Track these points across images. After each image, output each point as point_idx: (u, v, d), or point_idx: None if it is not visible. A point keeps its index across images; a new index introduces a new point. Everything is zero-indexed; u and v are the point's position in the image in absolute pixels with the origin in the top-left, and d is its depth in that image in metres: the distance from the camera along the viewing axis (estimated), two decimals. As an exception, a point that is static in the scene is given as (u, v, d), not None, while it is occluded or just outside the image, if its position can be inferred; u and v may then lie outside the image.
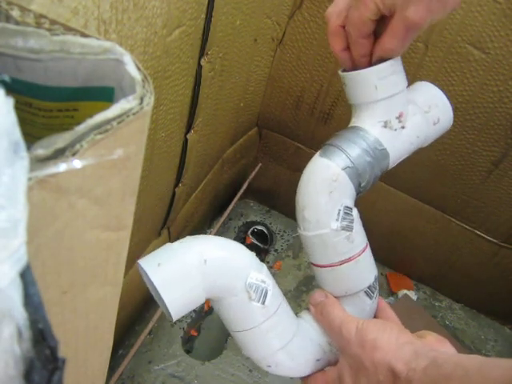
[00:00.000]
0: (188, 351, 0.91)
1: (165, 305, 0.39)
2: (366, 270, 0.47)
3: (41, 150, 0.17)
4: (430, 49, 0.71)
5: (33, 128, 0.23)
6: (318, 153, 0.47)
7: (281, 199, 1.12)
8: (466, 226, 0.92)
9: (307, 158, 0.49)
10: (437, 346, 0.40)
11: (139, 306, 0.90)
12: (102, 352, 0.32)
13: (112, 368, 0.82)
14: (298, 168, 1.01)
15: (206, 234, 1.09)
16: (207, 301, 0.43)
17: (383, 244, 1.01)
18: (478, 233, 0.91)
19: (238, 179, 1.09)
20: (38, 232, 0.18)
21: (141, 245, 0.74)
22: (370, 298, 0.48)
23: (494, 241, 0.91)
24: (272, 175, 1.08)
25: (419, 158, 0.83)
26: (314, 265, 0.48)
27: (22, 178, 0.15)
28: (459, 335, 1.01)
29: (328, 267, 0.46)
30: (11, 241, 0.15)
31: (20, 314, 0.16)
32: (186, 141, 0.69)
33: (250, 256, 0.44)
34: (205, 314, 0.97)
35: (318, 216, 0.44)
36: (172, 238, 0.88)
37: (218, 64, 0.66)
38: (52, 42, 0.20)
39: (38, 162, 0.17)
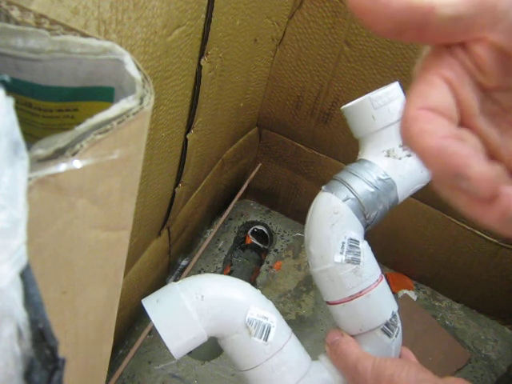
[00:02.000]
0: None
1: (161, 336, 0.39)
2: (380, 304, 0.45)
3: (41, 150, 0.17)
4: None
5: (33, 128, 0.23)
6: (322, 187, 0.46)
7: (281, 199, 1.12)
8: (466, 226, 0.92)
9: (307, 158, 0.49)
10: None
11: (139, 306, 0.90)
12: (102, 352, 0.32)
13: (112, 368, 0.82)
14: (297, 168, 1.01)
15: (205, 234, 1.09)
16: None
17: (383, 244, 1.01)
18: (478, 233, 0.91)
19: (238, 179, 1.09)
20: (38, 232, 0.18)
21: (141, 245, 0.74)
22: (389, 336, 0.45)
23: (494, 241, 0.91)
24: (272, 175, 1.08)
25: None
26: (328, 303, 0.46)
27: (21, 178, 0.15)
28: (459, 335, 1.01)
29: (339, 303, 0.45)
30: (11, 241, 0.15)
31: (20, 313, 0.16)
32: (185, 141, 0.69)
33: (251, 292, 0.44)
34: (205, 314, 0.97)
35: (322, 250, 0.44)
36: (172, 238, 0.88)
37: (218, 64, 0.66)
38: (52, 42, 0.20)
39: (38, 162, 0.17)
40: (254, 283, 1.04)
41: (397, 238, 1.01)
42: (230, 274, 1.07)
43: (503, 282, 0.96)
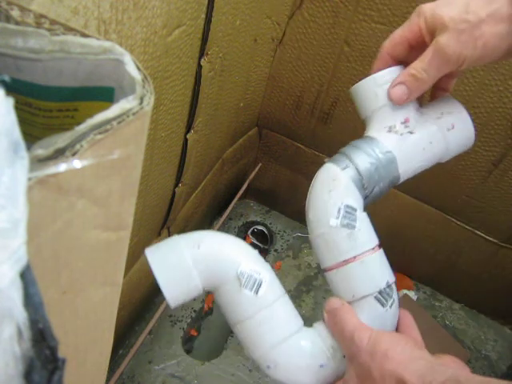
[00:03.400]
0: (188, 351, 0.91)
1: (158, 281, 0.41)
2: (374, 272, 0.45)
3: (41, 150, 0.17)
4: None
5: (33, 128, 0.23)
6: (325, 160, 0.48)
7: (281, 199, 1.12)
8: (466, 226, 0.92)
9: (307, 158, 0.49)
10: (454, 367, 0.38)
11: (139, 306, 0.90)
12: (102, 352, 0.32)
13: (112, 368, 0.82)
14: (297, 168, 1.01)
15: (205, 234, 1.09)
16: (207, 301, 0.44)
17: (383, 244, 1.00)
18: (478, 233, 0.91)
19: (238, 179, 1.09)
20: (38, 232, 0.18)
21: (141, 245, 0.74)
22: (383, 305, 0.45)
23: (494, 241, 0.91)
24: (272, 175, 1.08)
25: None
26: (325, 270, 0.47)
27: (22, 178, 0.15)
28: (459, 335, 1.01)
29: (334, 269, 0.46)
30: (11, 241, 0.15)
31: (20, 313, 0.16)
32: (185, 141, 0.69)
33: (248, 249, 0.45)
34: (205, 314, 0.97)
35: (319, 214, 0.45)
36: (172, 238, 0.88)
37: (218, 64, 0.66)
38: (52, 42, 0.20)
39: (38, 162, 0.17)
40: (253, 283, 1.04)
41: (397, 238, 1.01)
42: (229, 274, 1.07)
43: (503, 281, 0.96)
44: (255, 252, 0.46)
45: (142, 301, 0.89)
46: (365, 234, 0.45)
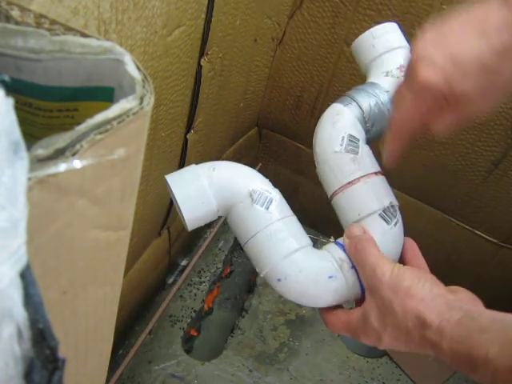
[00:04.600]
0: (188, 351, 0.91)
1: (176, 202, 0.44)
2: (378, 192, 0.48)
3: (41, 150, 0.17)
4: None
5: (33, 128, 0.23)
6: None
7: (281, 199, 1.12)
8: (466, 226, 0.92)
9: (307, 158, 0.50)
10: (468, 303, 0.40)
11: (139, 306, 0.90)
12: (102, 352, 0.32)
13: (112, 368, 0.82)
14: (297, 168, 1.01)
15: (205, 234, 1.09)
16: (207, 301, 0.44)
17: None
18: (478, 233, 0.91)
19: (238, 179, 1.09)
20: (38, 232, 0.18)
21: (141, 245, 0.74)
22: (387, 222, 0.48)
23: (494, 241, 0.91)
24: (272, 175, 1.07)
25: (419, 157, 0.83)
26: (331, 198, 0.50)
27: (21, 178, 0.15)
28: (459, 335, 1.01)
29: (339, 192, 0.48)
30: (11, 241, 0.15)
31: (20, 313, 0.16)
32: (186, 141, 0.69)
33: (259, 175, 0.48)
34: (205, 314, 0.97)
35: (325, 144, 0.49)
36: (172, 238, 0.88)
37: (218, 64, 0.66)
38: (52, 42, 0.20)
39: (38, 162, 0.17)
40: (253, 283, 1.04)
41: (397, 237, 1.00)
42: (229, 274, 1.07)
43: (503, 282, 0.96)
44: (266, 180, 0.49)
45: (141, 301, 0.89)
46: (367, 159, 0.48)
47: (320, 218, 0.93)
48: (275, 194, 0.47)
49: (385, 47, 0.51)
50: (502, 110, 0.72)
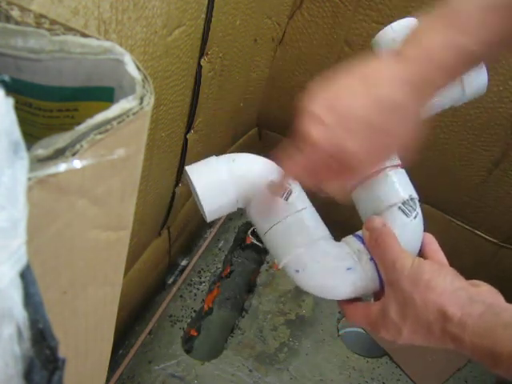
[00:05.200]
0: (188, 351, 0.91)
1: (196, 193, 0.44)
2: (398, 185, 0.48)
3: (41, 150, 0.17)
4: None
5: (33, 128, 0.23)
6: None
7: (281, 199, 1.12)
8: (466, 226, 0.92)
9: (307, 158, 0.50)
10: (490, 297, 0.40)
11: (139, 306, 0.90)
12: (102, 352, 0.32)
13: (112, 368, 0.82)
14: (297, 168, 1.01)
15: (205, 234, 1.09)
16: (207, 301, 0.44)
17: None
18: (478, 233, 0.91)
19: (238, 179, 1.09)
20: (38, 232, 0.18)
21: (141, 245, 0.74)
22: (407, 215, 0.48)
23: (494, 241, 0.91)
24: (272, 175, 1.08)
25: (419, 157, 0.83)
26: (350, 190, 0.50)
27: (21, 178, 0.15)
28: (459, 335, 1.01)
29: (359, 185, 0.48)
30: (11, 241, 0.15)
31: (20, 313, 0.16)
32: (186, 141, 0.69)
33: (278, 167, 0.48)
34: (205, 314, 0.97)
35: None
36: (172, 238, 0.88)
37: (218, 64, 0.66)
38: (52, 42, 0.20)
39: (38, 162, 0.17)
40: (253, 283, 1.04)
41: (397, 238, 1.00)
42: (229, 274, 1.07)
43: (503, 282, 0.96)
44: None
45: (141, 301, 0.89)
46: None
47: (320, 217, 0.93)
48: (294, 186, 0.47)
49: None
50: (502, 109, 0.72)
